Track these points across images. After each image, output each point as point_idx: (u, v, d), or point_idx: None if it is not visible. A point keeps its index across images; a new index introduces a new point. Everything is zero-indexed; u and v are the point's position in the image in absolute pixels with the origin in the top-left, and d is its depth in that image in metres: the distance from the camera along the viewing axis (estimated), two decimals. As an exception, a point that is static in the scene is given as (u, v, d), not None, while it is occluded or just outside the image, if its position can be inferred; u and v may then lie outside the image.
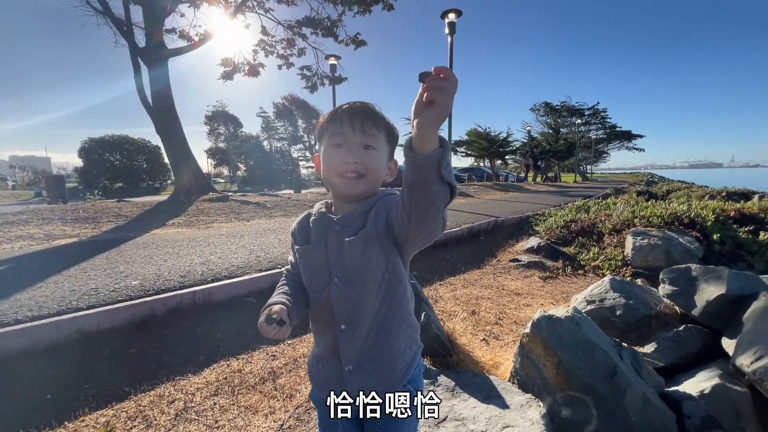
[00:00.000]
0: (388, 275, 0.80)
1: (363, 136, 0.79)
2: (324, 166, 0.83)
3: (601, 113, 38.30)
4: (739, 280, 2.14)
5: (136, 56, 9.05)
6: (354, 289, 0.79)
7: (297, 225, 0.91)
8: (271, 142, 39.44)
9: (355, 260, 0.78)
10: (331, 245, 0.81)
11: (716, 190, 9.63)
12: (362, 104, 0.82)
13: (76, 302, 2.27)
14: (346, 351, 0.81)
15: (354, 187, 0.80)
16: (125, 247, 3.92)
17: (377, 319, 0.80)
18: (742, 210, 4.69)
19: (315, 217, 0.87)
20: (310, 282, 0.85)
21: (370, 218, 0.79)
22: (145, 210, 6.48)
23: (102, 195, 10.31)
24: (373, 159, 0.80)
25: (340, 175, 0.79)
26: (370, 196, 0.82)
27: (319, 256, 0.82)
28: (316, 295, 0.84)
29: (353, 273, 0.79)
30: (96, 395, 1.69)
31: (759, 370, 1.48)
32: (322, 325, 0.85)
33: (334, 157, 0.79)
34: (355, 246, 0.78)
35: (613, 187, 17.67)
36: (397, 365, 0.82)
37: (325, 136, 0.82)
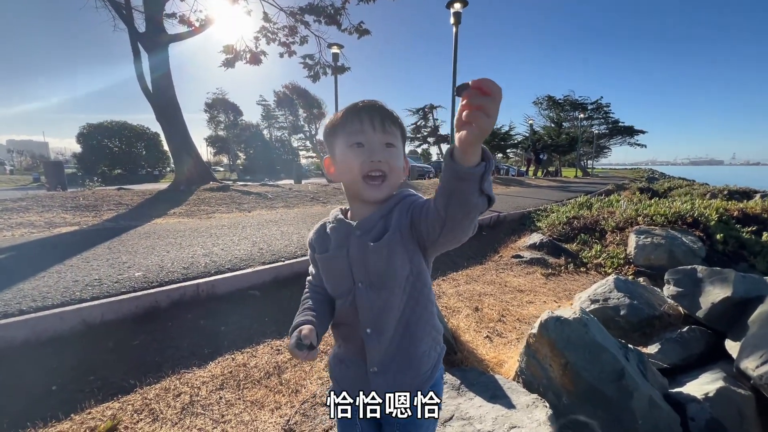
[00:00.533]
0: (413, 278, 0.79)
1: (384, 134, 0.77)
2: (343, 169, 0.79)
3: (604, 108, 38.04)
4: (745, 282, 2.14)
5: (135, 41, 8.89)
6: (379, 294, 0.78)
7: (314, 234, 0.90)
8: (271, 131, 39.12)
9: (380, 265, 0.76)
10: (353, 251, 0.79)
11: (718, 189, 9.61)
12: (376, 102, 0.80)
13: (79, 293, 2.26)
14: (371, 354, 0.80)
15: (379, 193, 0.78)
16: (127, 236, 3.90)
17: (402, 322, 0.80)
18: (745, 210, 4.69)
19: (333, 224, 0.85)
20: (333, 289, 0.85)
21: (393, 221, 0.77)
22: (145, 198, 6.45)
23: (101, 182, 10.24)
24: (396, 157, 0.79)
25: (364, 177, 0.76)
26: (389, 197, 0.81)
27: (341, 263, 0.81)
28: (341, 301, 0.83)
29: (378, 277, 0.77)
30: (101, 387, 1.69)
31: (765, 375, 1.48)
32: (347, 328, 0.85)
33: (357, 157, 0.76)
34: (379, 251, 0.76)
35: (614, 183, 17.64)
36: (422, 368, 0.82)
37: (340, 137, 0.79)
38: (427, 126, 34.17)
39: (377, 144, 0.77)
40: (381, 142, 0.77)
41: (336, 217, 0.86)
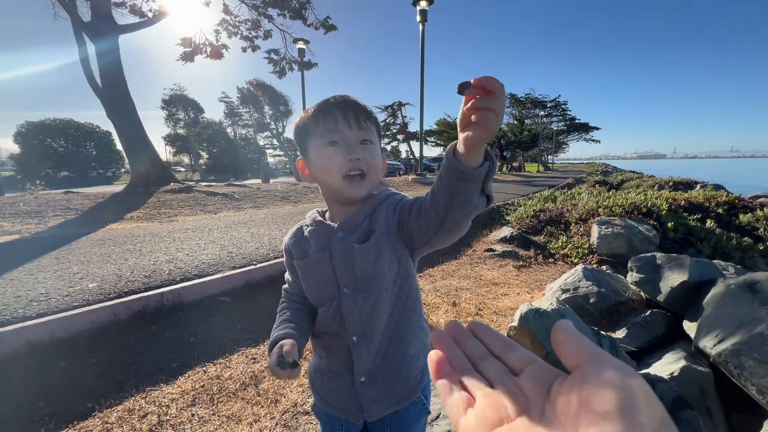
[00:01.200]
0: (400, 279, 0.76)
1: (359, 130, 0.73)
2: (319, 168, 0.75)
3: (562, 105, 40.04)
4: (698, 267, 2.31)
5: (80, 31, 8.15)
6: (366, 298, 0.74)
7: (290, 239, 0.84)
8: (235, 129, 37.60)
9: (367, 268, 0.72)
10: (336, 254, 0.75)
11: (664, 180, 10.42)
12: (348, 97, 0.75)
13: (22, 310, 2.03)
14: (359, 363, 0.76)
15: (359, 189, 0.74)
16: (78, 244, 3.57)
17: (390, 326, 0.77)
18: (690, 199, 5.10)
19: (311, 227, 0.80)
20: (316, 296, 0.79)
21: (379, 221, 0.74)
22: (97, 202, 5.95)
23: (45, 185, 9.33)
24: (373, 156, 0.75)
25: (344, 176, 0.72)
26: (370, 196, 0.78)
27: (324, 268, 0.76)
28: (324, 309, 0.78)
29: (365, 281, 0.73)
30: (53, 415, 1.52)
31: (723, 352, 1.60)
32: (330, 338, 0.79)
33: (333, 156, 0.72)
34: (366, 253, 0.72)
35: (573, 176, 18.66)
36: (412, 372, 0.79)
37: (313, 136, 0.74)
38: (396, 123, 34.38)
39: (354, 141, 0.73)
40: (357, 139, 0.73)
41: (314, 219, 0.81)
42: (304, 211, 6.16)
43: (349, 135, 0.72)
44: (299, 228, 0.84)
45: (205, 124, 35.92)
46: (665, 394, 1.60)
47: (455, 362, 0.28)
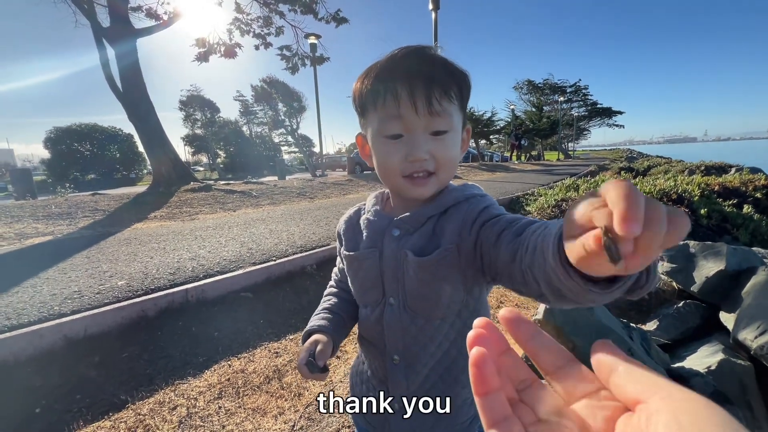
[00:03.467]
0: (467, 313, 0.61)
1: (430, 117, 0.55)
2: (378, 163, 0.61)
3: (582, 90, 38.65)
4: (736, 255, 2.18)
5: (100, 37, 8.40)
6: (414, 320, 0.60)
7: (344, 223, 0.73)
8: (250, 127, 38.18)
9: (420, 288, 0.58)
10: (387, 255, 0.62)
11: (695, 165, 9.91)
12: (421, 55, 0.55)
13: (58, 307, 2.12)
14: (395, 389, 0.64)
15: (424, 190, 0.59)
16: (106, 244, 3.71)
17: (443, 362, 0.62)
18: (725, 184, 4.83)
19: (368, 215, 0.68)
20: (359, 295, 0.69)
21: (448, 231, 0.57)
22: (123, 203, 6.17)
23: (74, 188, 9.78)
24: (446, 148, 0.57)
25: (405, 177, 0.58)
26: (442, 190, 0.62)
27: (371, 268, 0.64)
28: (366, 311, 0.68)
29: (416, 300, 0.60)
30: (90, 406, 1.59)
31: (766, 345, 1.51)
32: (369, 346, 0.68)
33: (392, 153, 0.57)
34: (423, 269, 0.57)
35: (596, 164, 18.02)
36: (459, 418, 0.65)
37: (370, 116, 0.58)
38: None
39: (420, 134, 0.56)
40: (427, 129, 0.56)
41: (373, 206, 0.69)
42: (321, 206, 6.20)
43: (415, 124, 0.55)
44: (357, 211, 0.72)
45: (222, 123, 36.63)
46: (702, 389, 1.53)
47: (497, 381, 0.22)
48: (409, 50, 0.57)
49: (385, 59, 0.57)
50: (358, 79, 0.61)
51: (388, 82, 0.55)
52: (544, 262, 0.37)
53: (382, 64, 0.57)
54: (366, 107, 0.59)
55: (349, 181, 9.71)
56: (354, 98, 0.62)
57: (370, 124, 0.60)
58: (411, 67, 0.55)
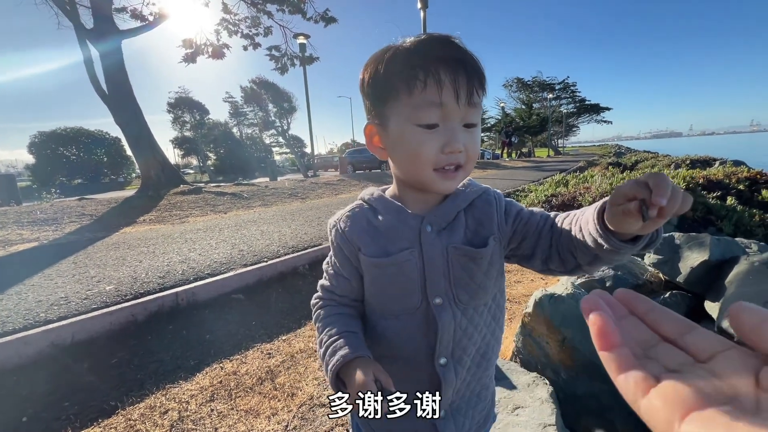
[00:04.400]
0: (499, 294, 0.64)
1: (469, 108, 0.53)
2: (403, 152, 0.56)
3: (570, 87, 39.14)
4: (720, 245, 2.23)
5: (84, 39, 8.25)
6: (465, 312, 0.60)
7: (349, 225, 0.63)
8: (241, 129, 37.83)
9: (478, 277, 0.59)
10: (430, 254, 0.59)
11: (680, 159, 10.09)
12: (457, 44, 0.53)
13: (44, 314, 2.08)
14: (446, 393, 0.61)
15: (452, 184, 0.57)
16: (93, 249, 3.65)
17: (481, 349, 0.64)
18: (709, 177, 4.93)
19: (388, 214, 0.62)
20: (390, 306, 0.62)
21: (487, 223, 0.60)
22: (111, 207, 6.08)
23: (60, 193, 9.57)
24: (476, 142, 0.57)
25: (436, 170, 0.55)
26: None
27: (412, 270, 0.59)
28: (397, 323, 0.62)
29: (467, 293, 0.60)
30: (79, 413, 1.56)
31: (748, 331, 1.55)
32: (402, 363, 0.62)
33: (426, 144, 0.53)
34: (482, 259, 0.58)
35: (585, 159, 18.27)
36: (488, 395, 0.69)
37: (401, 102, 0.53)
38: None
39: (458, 125, 0.54)
40: (463, 120, 0.54)
41: (388, 203, 0.62)
42: (313, 207, 6.18)
43: (455, 114, 0.52)
44: (360, 211, 0.64)
45: (211, 125, 36.22)
46: (688, 376, 1.56)
47: (620, 338, 0.22)
48: (442, 37, 0.54)
49: (413, 42, 0.54)
50: (372, 63, 0.56)
51: (428, 67, 0.51)
52: (584, 236, 0.49)
53: (413, 47, 0.53)
54: (390, 93, 0.54)
55: (340, 181, 9.69)
56: (369, 83, 0.57)
57: (397, 111, 0.54)
58: (451, 54, 0.52)
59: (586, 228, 0.49)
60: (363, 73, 0.58)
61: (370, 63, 0.57)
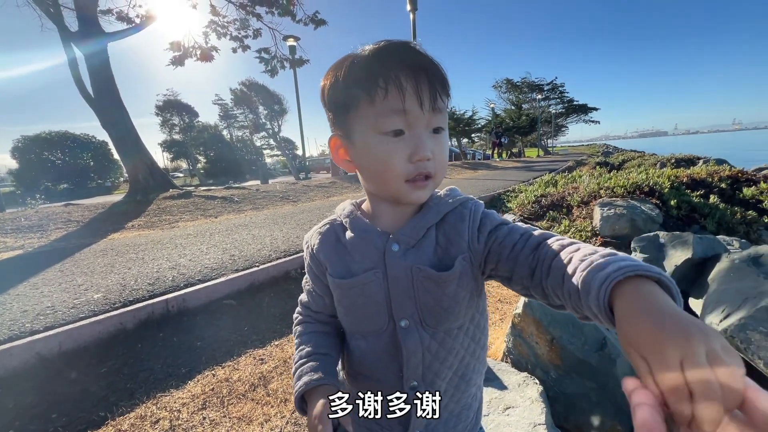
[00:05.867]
0: (478, 315, 0.61)
1: (433, 113, 0.51)
2: (370, 163, 0.54)
3: (559, 88, 39.69)
4: (702, 243, 2.29)
5: (68, 41, 8.10)
6: (434, 336, 0.57)
7: (319, 243, 0.62)
8: (231, 131, 37.48)
9: (443, 300, 0.55)
10: (394, 275, 0.56)
11: (666, 158, 10.32)
12: (416, 49, 0.52)
13: (30, 324, 2.04)
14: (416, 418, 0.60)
15: (423, 194, 0.55)
16: (81, 256, 3.58)
17: (459, 371, 0.61)
18: (693, 175, 5.05)
19: (355, 232, 0.59)
20: (355, 327, 0.61)
21: (456, 241, 0.56)
22: (98, 213, 5.97)
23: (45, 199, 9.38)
24: (444, 148, 0.54)
25: (407, 181, 0.53)
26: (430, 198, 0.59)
27: (375, 293, 0.57)
28: (365, 343, 0.60)
29: (433, 315, 0.56)
30: (67, 425, 1.54)
31: (729, 327, 1.59)
32: (373, 384, 0.61)
33: (395, 152, 0.51)
34: (447, 282, 0.55)
35: (574, 159, 18.54)
36: (472, 409, 0.66)
37: (363, 112, 0.51)
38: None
39: (425, 131, 0.52)
40: (430, 126, 0.52)
41: (355, 219, 0.60)
42: (305, 210, 6.16)
43: (419, 120, 0.51)
44: (331, 228, 0.62)
45: (201, 128, 35.82)
46: (673, 372, 1.61)
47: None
48: (401, 43, 0.52)
49: (372, 50, 0.52)
50: (331, 73, 0.54)
51: (388, 73, 0.49)
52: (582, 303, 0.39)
53: (371, 54, 0.51)
54: (351, 102, 0.52)
55: (332, 184, 9.68)
56: (329, 93, 0.55)
57: (360, 120, 0.52)
58: (411, 59, 0.50)
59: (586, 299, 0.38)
60: (323, 84, 0.56)
61: (329, 73, 0.55)
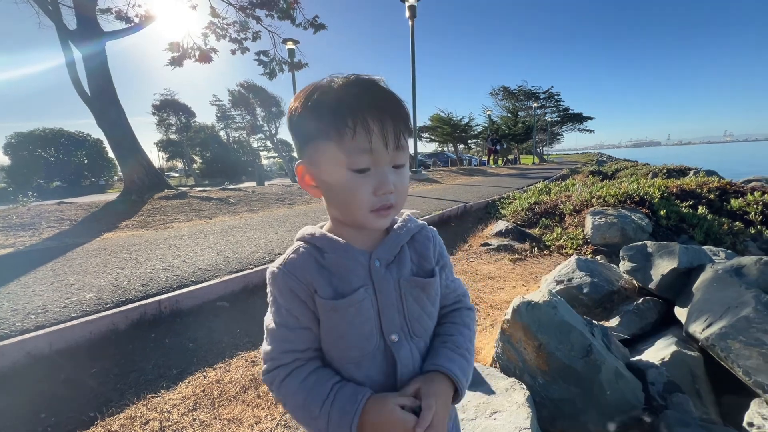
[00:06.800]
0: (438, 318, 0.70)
1: (396, 151, 0.56)
2: (336, 195, 0.57)
3: (555, 96, 40.24)
4: (688, 253, 2.35)
5: (66, 40, 8.08)
6: (418, 345, 0.62)
7: (300, 266, 0.59)
8: (228, 132, 37.41)
9: (425, 309, 0.63)
10: (383, 289, 0.59)
11: (658, 168, 10.50)
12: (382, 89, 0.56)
13: (20, 323, 2.04)
14: None
15: (385, 222, 0.60)
16: (73, 255, 3.56)
17: None
18: (682, 186, 5.16)
19: (335, 252, 0.60)
20: (351, 351, 0.59)
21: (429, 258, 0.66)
22: (91, 212, 5.93)
23: (37, 196, 9.27)
24: (404, 180, 0.59)
25: (372, 212, 0.57)
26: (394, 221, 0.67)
27: (368, 308, 0.59)
28: (360, 370, 0.59)
29: (419, 323, 0.62)
30: (56, 425, 1.54)
31: (711, 336, 1.64)
32: None
33: (360, 187, 0.55)
34: (430, 290, 0.63)
35: (569, 167, 18.75)
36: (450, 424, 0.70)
37: (329, 146, 0.54)
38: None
39: (388, 168, 0.56)
40: (392, 163, 0.56)
41: (333, 242, 0.60)
42: (300, 213, 6.17)
43: (384, 158, 0.55)
44: (306, 252, 0.60)
45: (198, 128, 35.73)
46: (656, 379, 1.64)
47: None
48: (369, 82, 0.56)
49: (341, 85, 0.55)
50: (300, 104, 0.56)
51: (356, 113, 0.52)
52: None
53: (341, 90, 0.54)
54: (319, 136, 0.55)
55: (329, 187, 9.69)
56: (297, 122, 0.57)
57: (327, 154, 0.55)
58: (378, 101, 0.54)
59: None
60: (291, 112, 0.58)
61: (298, 103, 0.57)
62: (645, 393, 1.61)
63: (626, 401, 1.49)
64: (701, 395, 1.66)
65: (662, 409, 1.51)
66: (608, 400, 1.46)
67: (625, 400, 1.49)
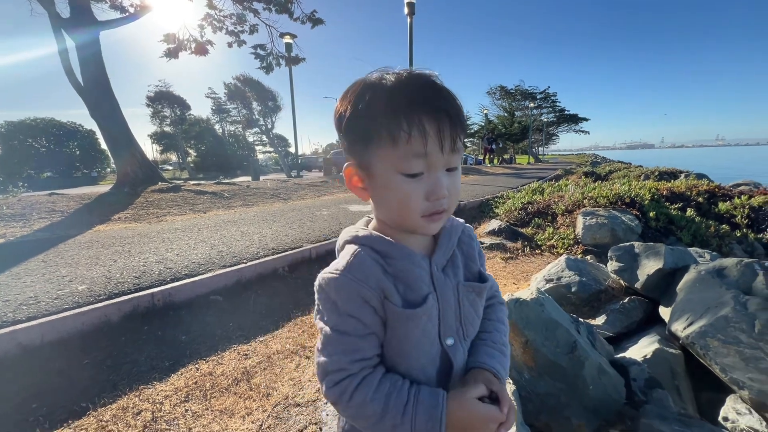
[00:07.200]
0: None
1: (451, 155, 0.54)
2: (389, 199, 0.55)
3: (551, 97, 40.36)
4: (673, 254, 2.41)
5: (59, 28, 7.94)
6: (467, 348, 0.64)
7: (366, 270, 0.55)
8: (223, 126, 37.08)
9: (476, 312, 0.64)
10: (444, 295, 0.59)
11: (650, 170, 10.64)
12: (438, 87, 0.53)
13: (12, 314, 2.03)
14: None
15: (437, 225, 0.57)
16: (65, 247, 3.54)
17: None
18: (672, 189, 5.24)
19: (396, 258, 0.57)
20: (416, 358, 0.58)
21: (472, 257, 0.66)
22: (83, 204, 5.88)
23: (28, 187, 9.16)
24: (457, 183, 0.58)
25: (423, 217, 0.55)
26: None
27: (434, 316, 0.58)
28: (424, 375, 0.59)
29: (471, 326, 0.64)
30: (48, 415, 1.55)
31: (691, 335, 1.69)
32: None
33: (414, 192, 0.53)
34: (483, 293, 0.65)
35: (563, 168, 18.90)
36: None
37: (384, 151, 0.52)
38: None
39: (442, 172, 0.54)
40: (446, 166, 0.54)
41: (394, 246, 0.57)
42: (295, 208, 6.16)
43: (439, 162, 0.53)
44: (368, 256, 0.56)
45: (193, 121, 35.38)
46: (638, 375, 1.70)
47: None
48: (424, 79, 0.53)
49: (394, 84, 0.52)
50: (350, 102, 0.54)
51: (412, 116, 0.50)
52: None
53: (394, 90, 0.51)
54: (372, 139, 0.52)
55: (324, 183, 9.69)
56: (347, 124, 0.54)
57: (380, 157, 0.53)
58: (434, 101, 0.51)
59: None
60: (340, 110, 0.55)
61: (348, 101, 0.54)
62: (627, 388, 1.66)
63: (608, 396, 1.54)
64: (680, 391, 1.72)
65: (643, 404, 1.57)
66: (591, 395, 1.51)
67: (607, 395, 1.54)
